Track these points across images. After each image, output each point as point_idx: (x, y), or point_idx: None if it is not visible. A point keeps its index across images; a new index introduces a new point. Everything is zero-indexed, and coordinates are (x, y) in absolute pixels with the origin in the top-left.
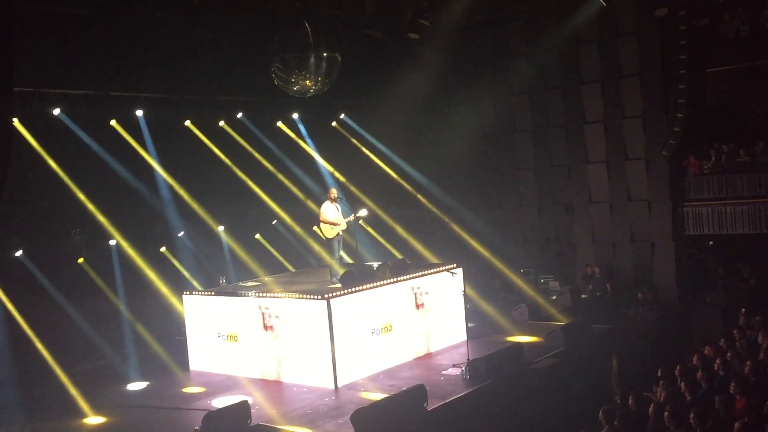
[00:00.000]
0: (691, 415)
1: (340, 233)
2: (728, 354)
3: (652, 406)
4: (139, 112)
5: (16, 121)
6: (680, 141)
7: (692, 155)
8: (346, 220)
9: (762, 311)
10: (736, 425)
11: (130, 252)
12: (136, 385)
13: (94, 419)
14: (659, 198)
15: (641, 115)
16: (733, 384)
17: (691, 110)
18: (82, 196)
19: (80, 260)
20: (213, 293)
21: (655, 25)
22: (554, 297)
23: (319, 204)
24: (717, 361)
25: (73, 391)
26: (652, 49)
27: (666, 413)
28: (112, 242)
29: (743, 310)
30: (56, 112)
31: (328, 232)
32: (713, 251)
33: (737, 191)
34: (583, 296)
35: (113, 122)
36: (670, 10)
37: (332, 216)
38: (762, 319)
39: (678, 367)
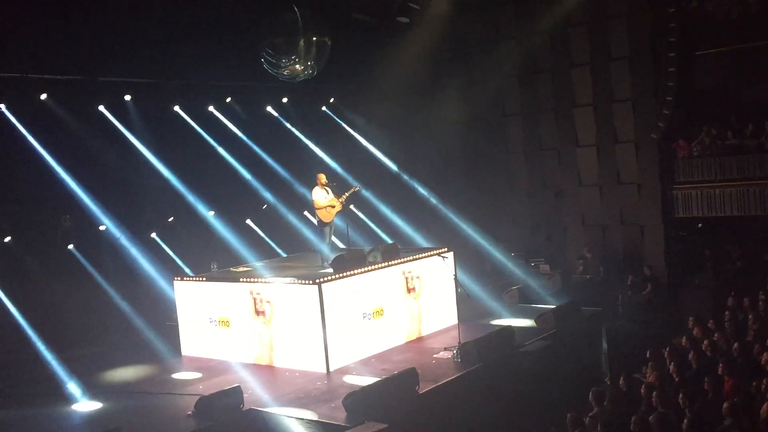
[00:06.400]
0: (680, 395)
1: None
2: (716, 335)
3: (643, 386)
4: (128, 98)
5: (2, 107)
6: (669, 124)
7: (681, 138)
8: (340, 199)
9: (750, 293)
10: (725, 406)
11: (121, 237)
12: (127, 371)
13: (85, 405)
14: (649, 181)
15: (631, 98)
16: (721, 365)
17: (680, 93)
18: (71, 182)
19: (70, 246)
20: (204, 279)
21: (644, 8)
22: (545, 280)
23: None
24: (705, 342)
25: (65, 376)
26: (641, 31)
27: (654, 393)
28: (101, 228)
29: (732, 292)
30: (43, 97)
31: (325, 216)
32: (702, 233)
33: (726, 174)
34: (573, 278)
35: (101, 107)
36: None
37: (325, 200)
38: (750, 301)
39: (667, 348)
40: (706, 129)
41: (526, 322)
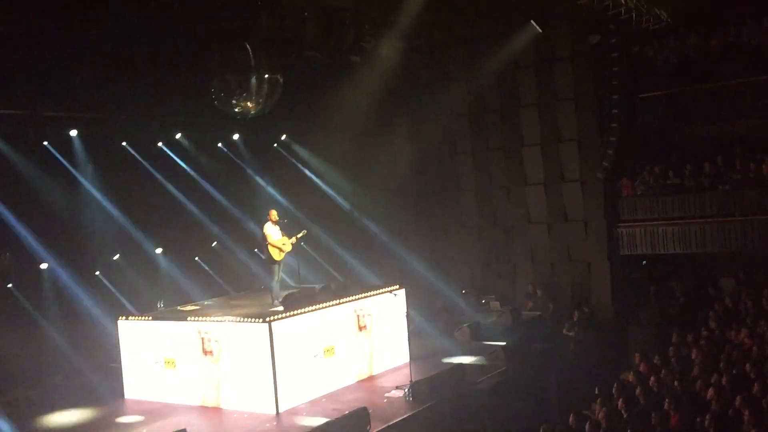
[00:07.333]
0: (628, 431)
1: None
2: (662, 371)
3: (588, 423)
4: (74, 133)
5: None
6: (613, 163)
7: (625, 177)
8: (291, 241)
9: (693, 329)
10: None
11: (63, 276)
12: (68, 415)
13: None
14: (594, 219)
15: (576, 138)
16: (667, 400)
17: (623, 134)
18: (11, 219)
19: (9, 285)
20: (150, 318)
21: (588, 52)
22: (495, 317)
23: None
24: (652, 378)
25: (3, 421)
26: (586, 74)
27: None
28: (43, 266)
29: (676, 328)
30: None
31: (275, 254)
32: (646, 270)
33: (668, 212)
34: (523, 315)
35: (46, 143)
36: (603, 38)
37: (278, 238)
38: (694, 337)
39: (615, 385)
40: (648, 168)
41: (478, 360)
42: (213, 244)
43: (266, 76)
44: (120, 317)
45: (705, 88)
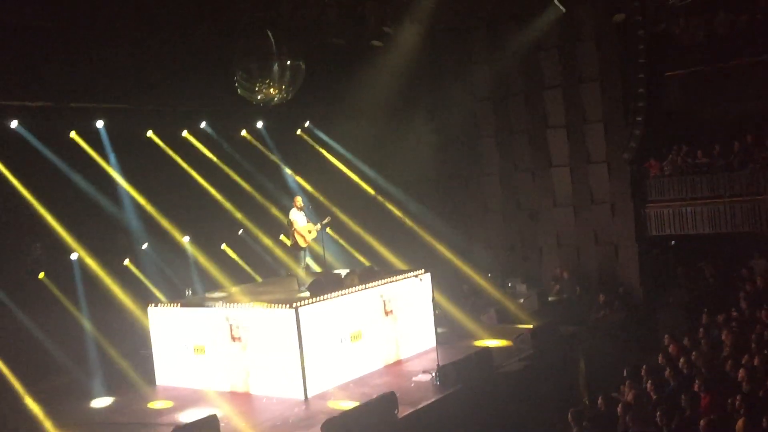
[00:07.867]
0: (658, 413)
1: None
2: (693, 353)
3: (620, 406)
4: (100, 123)
5: None
6: (640, 144)
7: (652, 158)
8: (316, 227)
9: (723, 309)
10: (702, 423)
11: (93, 265)
12: (100, 402)
13: None
14: (622, 200)
15: (602, 119)
16: (697, 382)
17: (650, 113)
18: (42, 210)
19: (41, 275)
20: (179, 305)
21: (613, 31)
22: (522, 300)
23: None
24: (681, 359)
25: (36, 408)
26: (611, 54)
27: (628, 417)
28: (73, 256)
29: (706, 309)
30: (14, 124)
31: (302, 240)
32: (675, 251)
33: (696, 192)
34: (549, 298)
35: (73, 134)
36: (628, 16)
37: (303, 224)
38: (724, 318)
39: (644, 367)
40: (676, 148)
41: (504, 343)
42: (239, 232)
43: (288, 62)
44: (150, 305)
45: (733, 66)
